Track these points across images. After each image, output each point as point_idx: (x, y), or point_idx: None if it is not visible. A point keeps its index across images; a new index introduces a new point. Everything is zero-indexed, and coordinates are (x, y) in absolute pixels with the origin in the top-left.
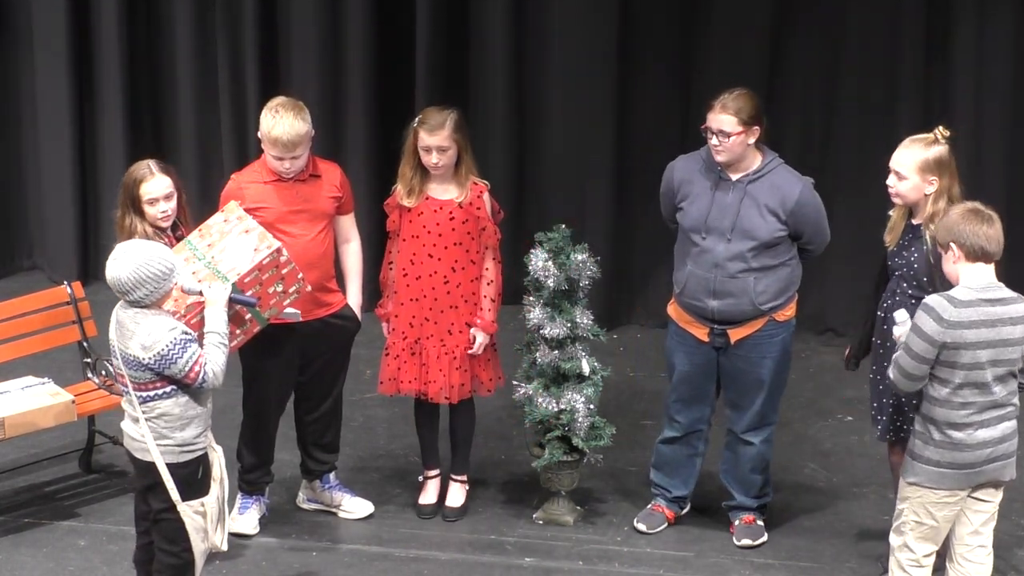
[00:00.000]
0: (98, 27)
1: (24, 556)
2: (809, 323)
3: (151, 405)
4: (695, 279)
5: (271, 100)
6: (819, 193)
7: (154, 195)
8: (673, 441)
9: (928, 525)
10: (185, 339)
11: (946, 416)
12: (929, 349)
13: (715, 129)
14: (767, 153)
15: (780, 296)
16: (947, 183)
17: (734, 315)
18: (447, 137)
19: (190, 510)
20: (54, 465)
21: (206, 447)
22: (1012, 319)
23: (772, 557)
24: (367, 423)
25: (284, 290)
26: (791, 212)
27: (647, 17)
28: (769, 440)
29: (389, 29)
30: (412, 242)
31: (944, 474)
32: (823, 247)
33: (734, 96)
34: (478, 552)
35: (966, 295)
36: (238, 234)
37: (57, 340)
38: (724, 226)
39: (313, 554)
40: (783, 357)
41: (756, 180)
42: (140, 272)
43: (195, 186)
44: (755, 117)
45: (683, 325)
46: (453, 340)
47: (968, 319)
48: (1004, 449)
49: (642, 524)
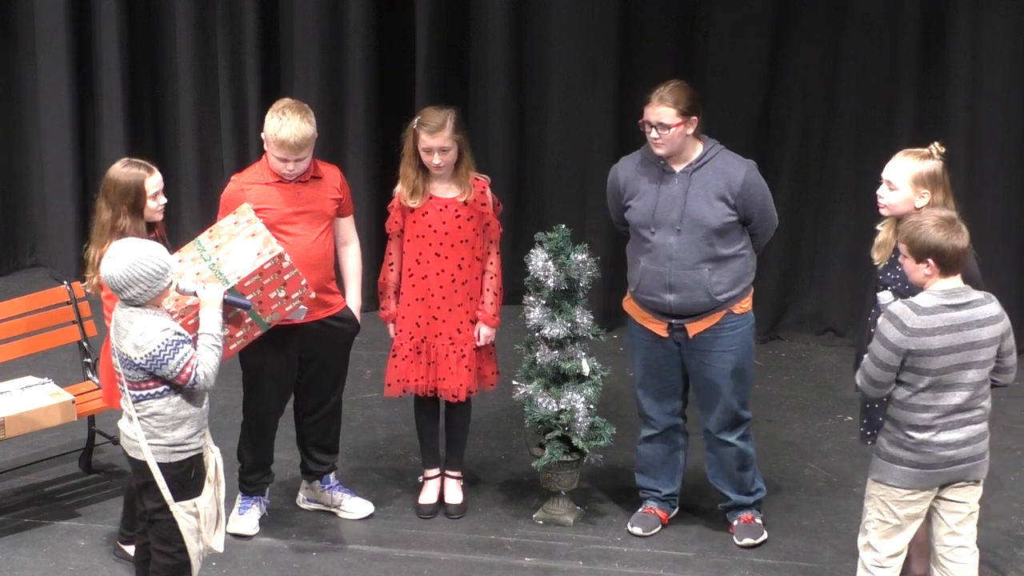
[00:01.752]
0: (99, 27)
1: (24, 556)
2: (809, 323)
3: (143, 404)
4: (649, 275)
5: (277, 102)
6: (818, 193)
7: (157, 188)
8: (652, 439)
9: (891, 524)
10: (178, 340)
11: (907, 418)
12: (893, 357)
13: (654, 122)
14: (707, 141)
15: (735, 287)
16: (939, 198)
17: (691, 308)
18: (448, 138)
19: (182, 510)
20: (54, 465)
21: (200, 448)
22: (979, 321)
23: (772, 557)
24: (367, 423)
25: (287, 296)
26: (738, 195)
27: (647, 18)
28: (747, 436)
29: (389, 30)
30: (417, 242)
31: (906, 472)
32: (771, 231)
33: (670, 88)
34: (478, 552)
35: (929, 302)
36: (244, 237)
37: (57, 340)
38: (672, 218)
39: (313, 554)
40: (744, 351)
41: (700, 167)
42: (133, 271)
43: (195, 186)
44: (692, 107)
45: (640, 321)
46: (462, 338)
47: (931, 326)
48: (968, 452)
49: (637, 527)
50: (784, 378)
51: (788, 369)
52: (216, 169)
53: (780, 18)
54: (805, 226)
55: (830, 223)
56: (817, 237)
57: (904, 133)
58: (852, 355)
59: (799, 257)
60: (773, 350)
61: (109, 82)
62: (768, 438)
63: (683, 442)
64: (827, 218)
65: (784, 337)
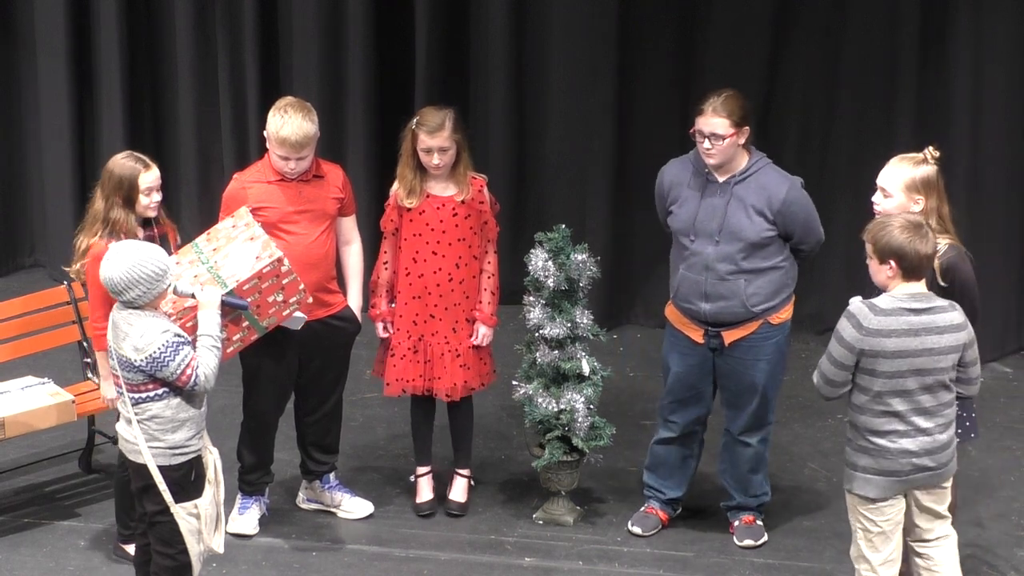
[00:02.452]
0: (98, 26)
1: (24, 556)
2: (809, 323)
3: (143, 407)
4: (687, 282)
5: (279, 100)
6: (818, 193)
7: (151, 184)
8: (669, 442)
9: (875, 532)
10: (178, 342)
11: (867, 423)
12: (847, 355)
13: (707, 132)
14: (754, 153)
15: (773, 298)
16: (934, 203)
17: (726, 317)
18: (447, 138)
19: (183, 512)
20: (54, 465)
21: (199, 450)
22: (939, 328)
23: (772, 557)
24: (367, 423)
25: (284, 300)
26: (778, 212)
27: (647, 18)
28: (766, 440)
29: (389, 30)
30: (414, 240)
31: (870, 480)
32: (817, 247)
33: (724, 98)
34: (478, 552)
35: (888, 303)
36: (243, 241)
37: (57, 340)
38: (712, 228)
39: (313, 554)
40: (777, 359)
41: (742, 181)
42: (133, 272)
43: (195, 185)
44: (745, 118)
45: (679, 327)
46: (457, 337)
47: (887, 327)
48: (932, 461)
49: (637, 527)
50: (784, 378)
51: (788, 369)
52: (216, 169)
53: (780, 18)
54: None
55: (830, 223)
56: None
57: (904, 133)
58: None
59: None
60: None
61: (109, 81)
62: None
63: (698, 451)
64: (827, 218)
65: None
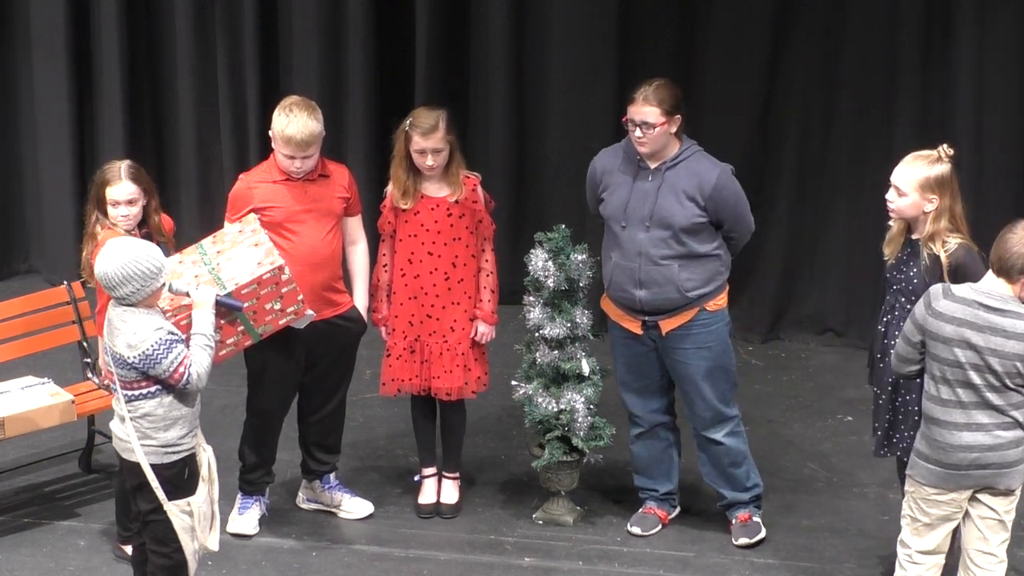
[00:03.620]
0: (98, 27)
1: (24, 556)
2: (809, 323)
3: (135, 404)
4: (620, 270)
5: (284, 99)
6: (818, 193)
7: (116, 198)
8: (641, 437)
9: (922, 521)
10: (171, 339)
11: (930, 410)
12: (913, 331)
13: (638, 121)
14: (685, 140)
15: (708, 284)
16: (948, 202)
17: (662, 304)
18: (441, 139)
19: (176, 509)
20: (54, 465)
21: (193, 448)
22: (1006, 332)
23: (772, 557)
24: (367, 423)
25: (282, 308)
26: (709, 197)
27: (647, 18)
28: (735, 433)
29: (389, 30)
30: (409, 241)
31: (931, 470)
32: (746, 236)
33: (655, 87)
34: (478, 552)
35: (964, 292)
36: (247, 246)
37: (57, 340)
38: (643, 214)
39: (313, 554)
40: (721, 348)
41: (674, 167)
42: (127, 269)
43: (195, 186)
44: (676, 107)
45: (616, 319)
46: (455, 337)
47: (952, 313)
48: (995, 458)
49: (636, 527)
50: (784, 378)
51: (788, 369)
52: (216, 169)
53: (780, 18)
54: (805, 227)
55: (830, 224)
56: (817, 238)
57: (904, 134)
58: (852, 355)
59: (799, 258)
60: (773, 350)
61: (108, 83)
62: (768, 438)
63: (674, 439)
64: (827, 219)
65: (784, 337)
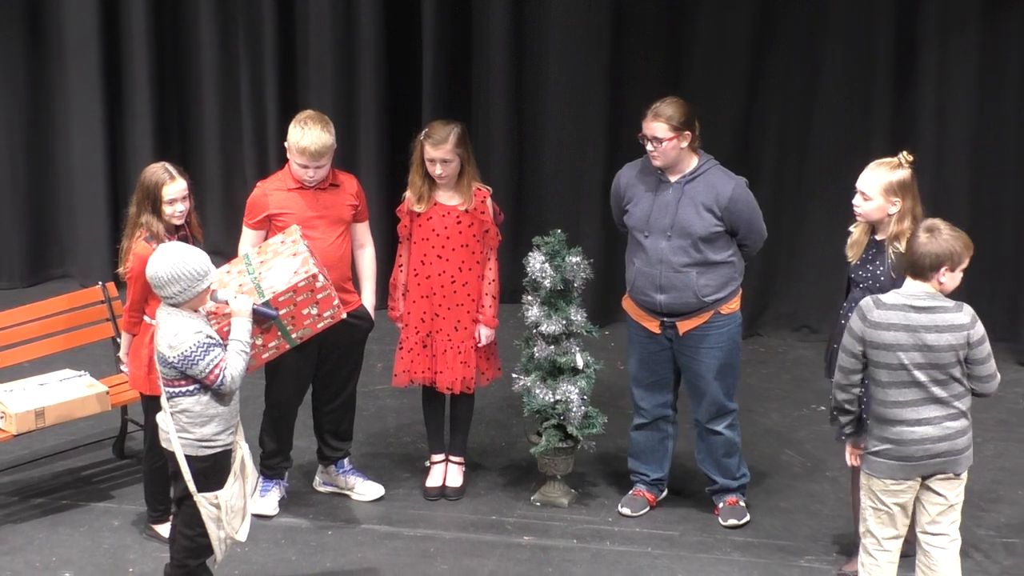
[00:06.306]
0: (128, 45)
1: (62, 535)
2: (786, 320)
3: (175, 401)
4: (642, 276)
5: (299, 113)
6: (795, 200)
7: (174, 196)
8: (642, 427)
9: (883, 511)
10: (209, 343)
11: (881, 414)
12: (854, 343)
13: (649, 136)
14: (702, 155)
15: (722, 290)
16: (910, 204)
17: (680, 307)
18: (450, 151)
19: (205, 501)
20: (90, 451)
21: (229, 444)
22: (938, 327)
23: (752, 536)
24: (378, 413)
25: (319, 313)
26: (725, 208)
27: (636, 42)
28: (733, 426)
29: (399, 55)
30: (422, 244)
31: (888, 464)
32: (759, 244)
33: (665, 104)
34: (480, 531)
35: (893, 299)
36: (287, 256)
37: (92, 336)
38: (664, 224)
39: (328, 533)
40: (731, 348)
41: (692, 180)
42: (176, 269)
43: (218, 191)
44: (686, 123)
45: (636, 319)
46: (459, 336)
47: (887, 321)
48: (946, 447)
49: (626, 508)
50: (763, 371)
51: (767, 363)
52: (238, 177)
53: (760, 37)
54: (783, 231)
55: (805, 228)
56: (794, 241)
57: (877, 146)
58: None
59: (777, 259)
60: (753, 345)
61: (138, 94)
62: (748, 426)
63: (672, 431)
64: (803, 223)
65: (763, 333)
